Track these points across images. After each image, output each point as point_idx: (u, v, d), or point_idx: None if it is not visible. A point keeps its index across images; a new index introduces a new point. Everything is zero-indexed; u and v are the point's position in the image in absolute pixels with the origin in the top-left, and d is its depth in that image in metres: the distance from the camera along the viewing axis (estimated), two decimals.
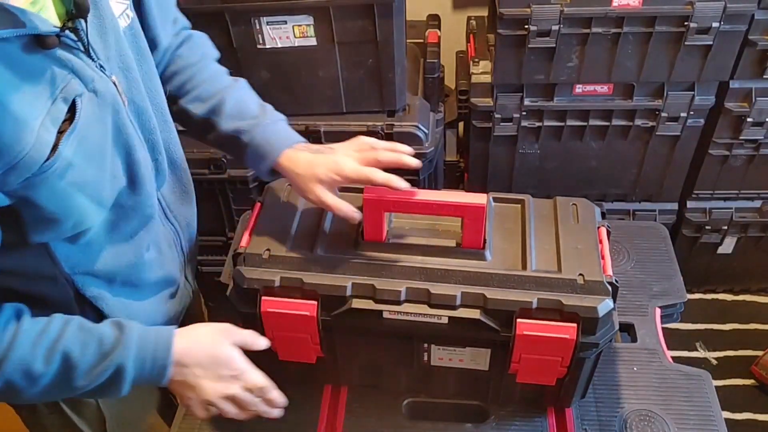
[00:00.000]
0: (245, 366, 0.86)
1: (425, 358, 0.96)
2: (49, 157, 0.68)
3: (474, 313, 0.86)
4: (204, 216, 1.08)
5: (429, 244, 0.93)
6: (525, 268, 0.88)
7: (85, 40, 0.73)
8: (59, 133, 0.69)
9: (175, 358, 0.82)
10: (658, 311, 1.16)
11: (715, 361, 1.78)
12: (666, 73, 1.48)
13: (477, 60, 1.59)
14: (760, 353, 1.73)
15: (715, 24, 1.38)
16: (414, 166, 0.91)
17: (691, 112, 1.55)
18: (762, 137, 1.57)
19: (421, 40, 1.68)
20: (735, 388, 1.72)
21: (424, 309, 0.87)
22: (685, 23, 1.39)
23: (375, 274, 0.89)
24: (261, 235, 0.94)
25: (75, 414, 1.01)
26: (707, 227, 1.74)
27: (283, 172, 0.93)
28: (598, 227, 0.94)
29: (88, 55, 0.73)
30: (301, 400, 1.04)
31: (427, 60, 1.57)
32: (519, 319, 0.86)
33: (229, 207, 1.64)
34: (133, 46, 0.83)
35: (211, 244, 1.69)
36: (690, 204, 1.73)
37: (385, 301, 0.87)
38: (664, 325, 1.16)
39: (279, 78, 1.45)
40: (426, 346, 0.94)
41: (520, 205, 0.98)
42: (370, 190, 0.89)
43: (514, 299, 0.85)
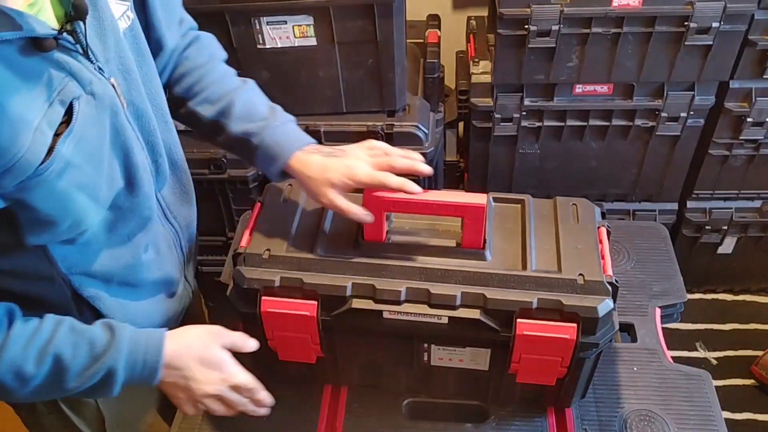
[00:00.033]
0: (234, 369, 0.87)
1: (425, 358, 0.96)
2: (44, 160, 0.68)
3: (474, 313, 0.86)
4: (204, 216, 1.08)
5: (429, 244, 0.93)
6: (525, 268, 0.88)
7: (83, 42, 0.72)
8: (56, 135, 0.69)
9: (166, 361, 0.83)
10: (658, 311, 1.16)
11: (715, 361, 1.78)
12: (666, 73, 1.48)
13: (477, 60, 1.59)
14: (760, 353, 1.73)
15: (715, 24, 1.38)
16: (426, 173, 0.91)
17: (691, 112, 1.55)
18: (762, 137, 1.57)
19: (421, 40, 1.68)
20: (735, 388, 1.72)
21: (424, 309, 0.87)
22: (685, 23, 1.39)
23: (375, 274, 0.89)
24: (261, 235, 0.94)
25: (74, 414, 1.01)
26: (707, 227, 1.74)
27: (293, 174, 0.92)
28: (598, 227, 0.94)
29: (86, 57, 0.73)
30: (301, 400, 1.04)
31: (427, 60, 1.57)
32: (519, 319, 0.86)
33: (229, 207, 1.64)
34: (133, 48, 0.83)
35: (211, 244, 1.69)
36: (690, 204, 1.73)
37: (385, 301, 0.87)
38: (664, 325, 1.16)
39: (279, 78, 1.45)
40: (426, 346, 0.94)
41: (520, 205, 0.98)
42: (371, 191, 0.89)
43: (514, 299, 0.85)
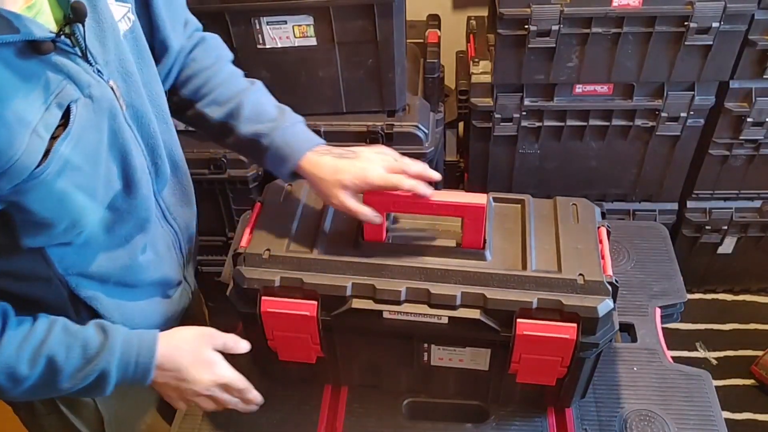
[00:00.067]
0: (225, 371, 0.88)
1: (425, 358, 0.96)
2: (40, 164, 0.68)
3: (474, 313, 0.86)
4: (204, 216, 1.08)
5: (429, 244, 0.93)
6: (525, 268, 0.88)
7: (82, 45, 0.72)
8: (53, 138, 0.69)
9: (158, 362, 0.84)
10: (658, 311, 1.16)
11: (715, 361, 1.78)
12: (666, 73, 1.48)
13: (477, 60, 1.59)
14: (760, 353, 1.73)
15: (715, 24, 1.38)
16: (436, 179, 0.92)
17: (691, 112, 1.55)
18: (762, 137, 1.57)
19: (421, 40, 1.68)
20: (735, 388, 1.72)
21: (424, 309, 0.87)
22: (685, 23, 1.39)
23: (375, 274, 0.89)
24: (261, 235, 0.94)
25: (73, 414, 1.01)
26: (707, 227, 1.74)
27: (304, 176, 0.92)
28: (598, 227, 0.94)
29: (85, 59, 0.73)
30: (301, 400, 1.04)
31: (427, 60, 1.57)
32: (519, 319, 0.86)
33: (229, 207, 1.64)
34: (133, 50, 0.82)
35: (211, 244, 1.69)
36: (690, 204, 1.72)
37: (385, 301, 0.87)
38: (664, 325, 1.16)
39: (279, 78, 1.45)
40: (426, 346, 0.94)
41: (520, 205, 0.98)
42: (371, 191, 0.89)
43: (514, 299, 0.85)
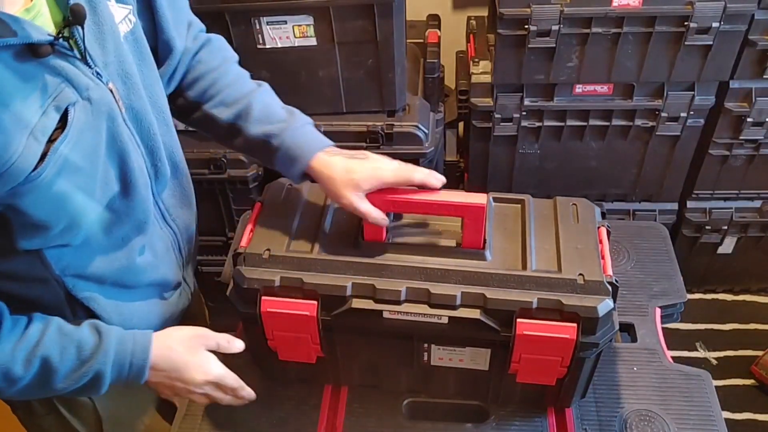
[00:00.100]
0: (218, 370, 0.89)
1: (425, 358, 0.96)
2: (36, 167, 0.68)
3: (474, 313, 0.86)
4: (204, 216, 1.08)
5: (429, 244, 0.93)
6: (525, 268, 0.88)
7: (81, 47, 0.72)
8: (50, 141, 0.68)
9: (152, 363, 0.85)
10: (658, 311, 1.16)
11: (715, 361, 1.78)
12: (666, 73, 1.48)
13: (477, 60, 1.59)
14: (760, 353, 1.73)
15: (715, 24, 1.38)
16: (442, 182, 0.92)
17: (691, 112, 1.55)
18: (762, 137, 1.57)
19: (421, 40, 1.69)
20: (735, 388, 1.72)
21: (424, 309, 0.87)
22: (685, 23, 1.39)
23: (375, 274, 0.89)
24: (261, 234, 0.94)
25: (71, 415, 1.01)
26: (707, 227, 1.74)
27: (314, 175, 0.92)
28: (598, 227, 0.94)
29: (84, 62, 0.73)
30: (301, 400, 1.04)
31: (427, 60, 1.57)
32: (519, 319, 0.85)
33: (229, 207, 1.64)
34: (134, 52, 0.82)
35: (211, 244, 1.69)
36: (690, 204, 1.73)
37: (385, 301, 0.87)
38: (664, 325, 1.16)
39: (279, 78, 1.44)
40: (426, 346, 0.94)
41: (520, 205, 0.98)
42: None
43: (514, 299, 0.85)
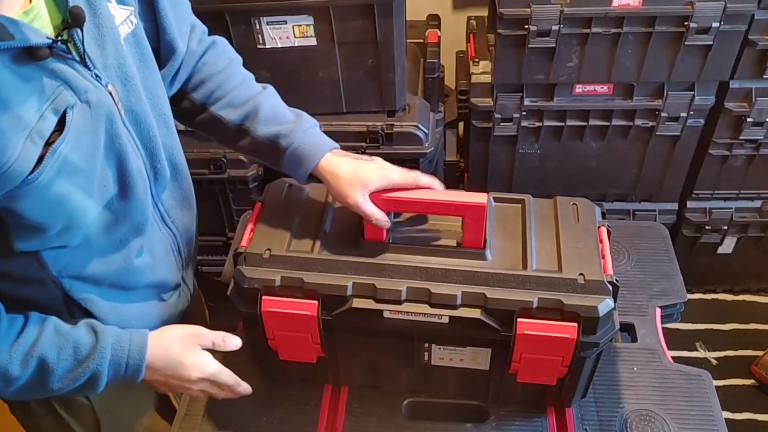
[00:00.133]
0: (213, 368, 0.90)
1: (426, 358, 0.96)
2: (33, 170, 0.67)
3: (474, 313, 0.86)
4: (204, 216, 1.08)
5: (429, 244, 0.93)
6: (525, 267, 0.88)
7: (81, 50, 0.72)
8: (47, 144, 0.68)
9: (148, 362, 0.85)
10: (658, 311, 1.16)
11: (715, 361, 1.78)
12: (666, 73, 1.48)
13: (477, 60, 1.59)
14: (760, 353, 1.73)
15: (715, 24, 1.38)
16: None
17: (691, 112, 1.55)
18: (762, 137, 1.57)
19: (421, 40, 1.69)
20: (735, 388, 1.72)
21: (425, 309, 0.87)
22: (685, 23, 1.39)
23: (376, 274, 0.89)
24: (262, 234, 0.94)
25: (69, 416, 1.01)
26: (707, 227, 1.74)
27: (321, 175, 0.92)
28: (599, 227, 0.94)
29: (83, 64, 0.72)
30: (301, 400, 1.04)
31: (427, 60, 1.57)
32: (519, 319, 0.85)
33: (229, 207, 1.64)
34: (135, 54, 0.82)
35: (211, 244, 1.69)
36: (690, 204, 1.73)
37: (385, 301, 0.87)
38: (664, 325, 1.16)
39: (279, 78, 1.44)
40: (427, 345, 0.94)
41: (520, 205, 0.98)
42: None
43: (515, 299, 0.85)
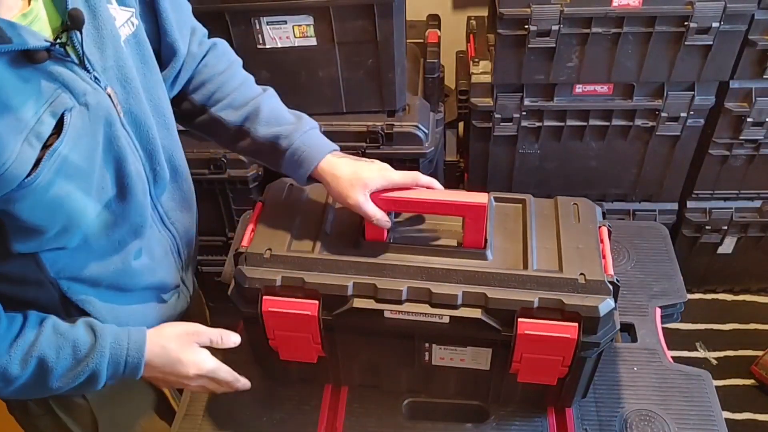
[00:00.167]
0: (211, 365, 0.90)
1: (426, 358, 0.96)
2: (30, 173, 0.67)
3: (475, 313, 0.86)
4: (204, 216, 1.08)
5: (430, 244, 0.93)
6: (526, 267, 0.88)
7: (79, 52, 0.71)
8: (46, 147, 0.68)
9: (147, 360, 0.85)
10: (658, 311, 1.16)
11: (715, 361, 1.78)
12: (666, 73, 1.48)
13: (477, 60, 1.59)
14: (760, 353, 1.73)
15: (715, 24, 1.39)
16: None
17: (691, 112, 1.55)
18: (762, 137, 1.57)
19: (421, 40, 1.69)
20: (735, 388, 1.72)
21: (426, 308, 0.87)
22: (685, 23, 1.39)
23: (376, 274, 0.89)
24: (262, 234, 0.94)
25: (67, 416, 1.00)
26: (707, 227, 1.74)
27: (320, 176, 0.92)
28: (599, 227, 0.94)
29: (82, 67, 0.72)
30: (301, 400, 1.04)
31: (427, 60, 1.57)
32: (520, 319, 0.85)
33: (229, 207, 1.64)
34: (135, 55, 0.82)
35: (211, 244, 1.69)
36: (690, 204, 1.73)
37: (386, 301, 0.87)
38: (664, 325, 1.16)
39: (279, 78, 1.45)
40: (427, 345, 0.94)
41: (521, 205, 0.98)
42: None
43: (516, 299, 0.85)
